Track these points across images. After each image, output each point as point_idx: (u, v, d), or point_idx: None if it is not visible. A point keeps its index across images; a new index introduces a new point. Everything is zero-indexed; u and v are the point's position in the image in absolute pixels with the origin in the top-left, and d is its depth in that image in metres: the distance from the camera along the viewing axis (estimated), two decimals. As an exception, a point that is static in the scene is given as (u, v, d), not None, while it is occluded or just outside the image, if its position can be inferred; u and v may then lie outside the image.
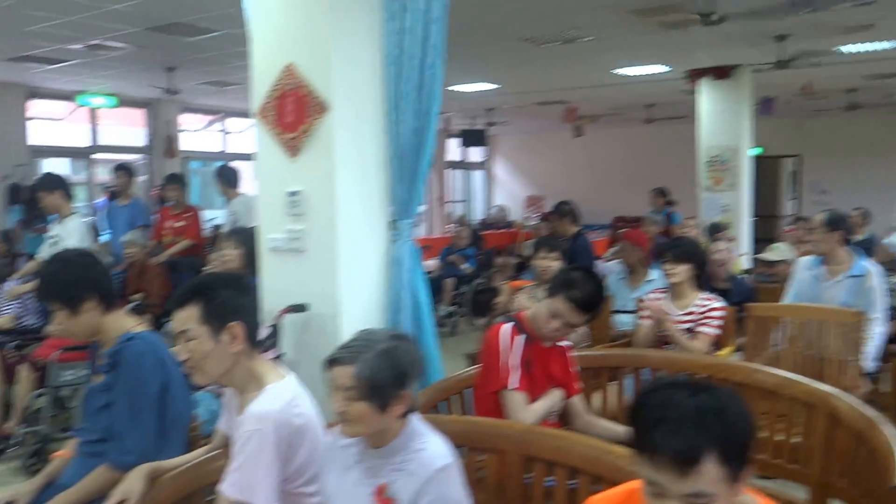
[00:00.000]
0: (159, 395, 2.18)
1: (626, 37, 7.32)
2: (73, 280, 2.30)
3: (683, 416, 1.27)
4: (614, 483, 1.95)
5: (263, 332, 3.51)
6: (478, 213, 16.76)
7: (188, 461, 2.16)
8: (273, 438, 1.86)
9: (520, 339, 2.64)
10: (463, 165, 17.32)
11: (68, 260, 2.39)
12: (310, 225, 3.68)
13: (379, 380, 1.73)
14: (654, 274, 4.49)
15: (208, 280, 2.08)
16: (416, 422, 1.85)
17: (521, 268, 9.54)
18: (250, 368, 1.98)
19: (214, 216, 9.27)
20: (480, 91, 10.66)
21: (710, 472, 1.26)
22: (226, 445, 2.09)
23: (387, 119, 3.72)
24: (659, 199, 9.03)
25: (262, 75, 3.78)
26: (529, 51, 7.88)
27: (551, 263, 4.09)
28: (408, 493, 1.75)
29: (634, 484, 1.55)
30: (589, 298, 2.61)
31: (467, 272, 8.70)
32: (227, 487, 1.88)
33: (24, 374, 4.27)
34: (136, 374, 2.11)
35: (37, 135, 10.29)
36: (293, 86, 3.64)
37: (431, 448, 1.79)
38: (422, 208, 3.92)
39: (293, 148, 3.69)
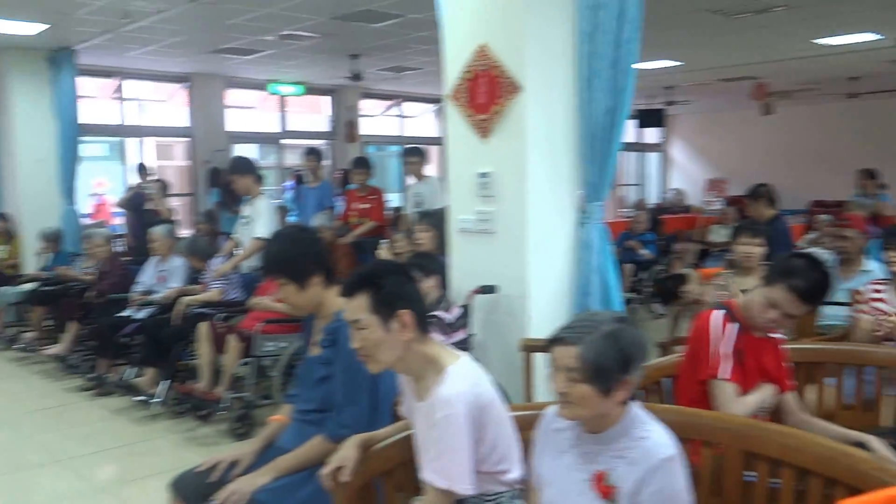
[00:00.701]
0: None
1: (829, 3, 6.70)
2: (300, 256, 2.39)
3: None
4: (852, 488, 1.78)
5: (455, 313, 3.56)
6: (653, 197, 16.15)
7: (395, 432, 2.21)
8: (465, 420, 1.85)
9: (732, 328, 2.47)
10: (637, 147, 16.73)
11: (294, 236, 2.49)
12: (499, 206, 3.67)
13: (603, 363, 1.66)
14: (871, 264, 4.08)
15: (375, 269, 2.08)
16: (637, 409, 1.77)
17: (704, 254, 9.08)
18: (424, 354, 1.98)
19: (391, 199, 9.56)
20: (660, 69, 10.21)
21: None
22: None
23: (579, 98, 3.62)
24: (868, 181, 8.19)
25: (455, 57, 3.80)
26: (718, 23, 7.43)
27: (754, 249, 3.82)
28: (630, 481, 1.68)
29: (894, 491, 1.39)
30: (813, 288, 2.39)
31: (646, 258, 8.39)
32: (431, 476, 1.89)
33: (232, 343, 4.60)
34: (354, 353, 2.17)
35: (232, 122, 11.10)
36: (485, 67, 3.63)
37: (655, 437, 1.71)
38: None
39: (484, 129, 3.68)
